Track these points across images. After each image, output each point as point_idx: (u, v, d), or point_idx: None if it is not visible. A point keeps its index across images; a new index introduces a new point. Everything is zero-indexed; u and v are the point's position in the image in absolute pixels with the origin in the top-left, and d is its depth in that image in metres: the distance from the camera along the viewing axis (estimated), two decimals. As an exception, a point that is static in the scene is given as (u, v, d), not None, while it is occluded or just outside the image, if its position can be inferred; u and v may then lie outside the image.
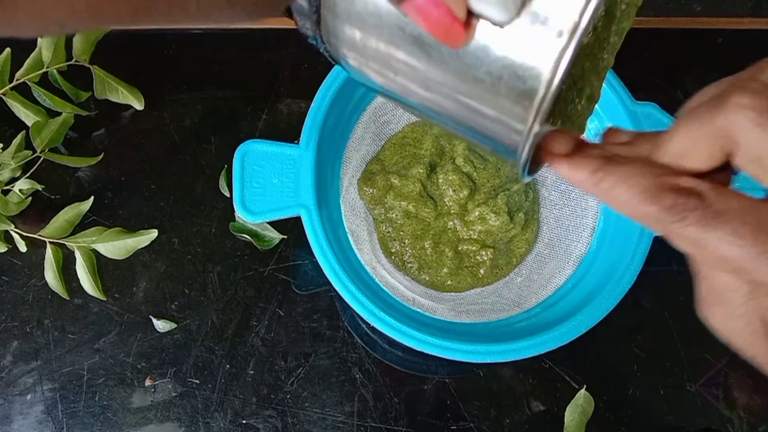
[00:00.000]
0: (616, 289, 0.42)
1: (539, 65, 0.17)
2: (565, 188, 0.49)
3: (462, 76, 0.19)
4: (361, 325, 0.48)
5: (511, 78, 0.18)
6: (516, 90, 0.18)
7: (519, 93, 0.18)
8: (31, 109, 0.50)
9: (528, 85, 0.18)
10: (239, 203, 0.43)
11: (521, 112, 0.18)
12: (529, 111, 0.18)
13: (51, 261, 0.48)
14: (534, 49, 0.17)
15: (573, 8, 0.16)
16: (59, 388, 0.47)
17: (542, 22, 0.17)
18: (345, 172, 0.49)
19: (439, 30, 0.17)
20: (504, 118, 0.19)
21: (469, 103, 0.19)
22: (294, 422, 0.47)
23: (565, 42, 0.17)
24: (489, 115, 0.19)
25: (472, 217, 0.47)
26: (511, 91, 0.18)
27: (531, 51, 0.17)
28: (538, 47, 0.17)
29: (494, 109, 0.19)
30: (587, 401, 0.47)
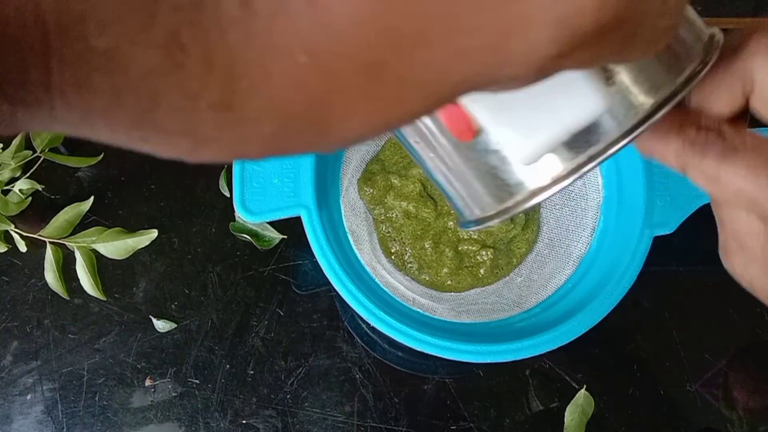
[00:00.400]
0: (616, 289, 0.42)
1: (518, 187, 0.20)
2: (564, 188, 0.49)
3: (454, 153, 0.21)
4: (361, 325, 0.48)
5: (491, 179, 0.20)
6: (489, 188, 0.21)
7: (491, 192, 0.21)
8: (31, 109, 0.50)
9: (500, 193, 0.21)
10: (239, 203, 0.43)
11: (484, 205, 0.21)
12: (490, 209, 0.21)
13: (51, 261, 0.48)
14: (520, 172, 0.20)
15: (567, 163, 0.19)
16: (59, 388, 0.47)
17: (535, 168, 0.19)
18: (345, 172, 0.49)
19: (452, 125, 0.19)
20: (469, 197, 0.22)
21: (455, 176, 0.22)
22: (294, 422, 0.47)
23: (547, 182, 0.20)
24: (458, 185, 0.22)
25: None
26: (486, 187, 0.21)
27: (517, 171, 0.20)
28: (524, 173, 0.20)
29: (466, 185, 0.22)
30: (587, 401, 0.47)
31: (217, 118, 0.11)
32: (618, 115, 0.18)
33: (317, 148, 0.13)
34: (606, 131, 0.19)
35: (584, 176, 0.22)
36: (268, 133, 0.12)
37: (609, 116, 0.18)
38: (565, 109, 0.17)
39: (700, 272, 0.50)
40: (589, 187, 0.48)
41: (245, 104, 0.11)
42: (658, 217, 0.43)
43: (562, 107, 0.17)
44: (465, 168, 0.21)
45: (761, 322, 0.49)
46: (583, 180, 0.49)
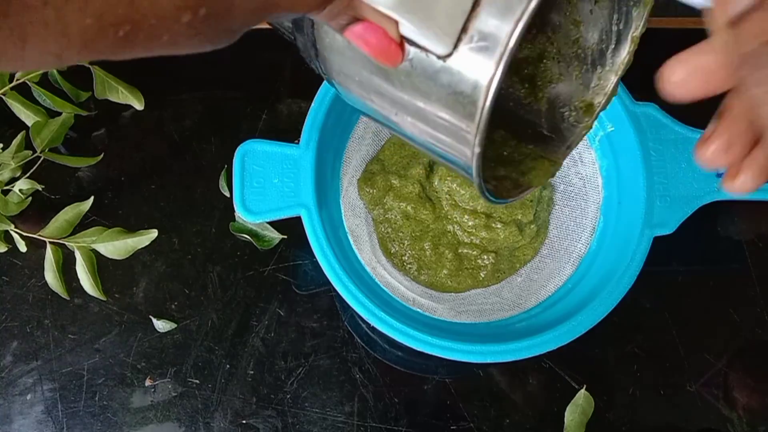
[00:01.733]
0: (616, 289, 0.42)
1: (475, 91, 0.19)
2: (564, 188, 0.49)
3: (416, 101, 0.21)
4: (361, 325, 0.48)
5: (455, 103, 0.20)
6: (459, 113, 0.20)
7: (462, 115, 0.20)
8: (31, 109, 0.50)
9: (467, 110, 0.20)
10: (239, 203, 0.43)
11: (466, 134, 0.21)
12: (471, 131, 0.20)
13: (51, 261, 0.48)
14: (468, 77, 0.19)
15: (501, 37, 0.18)
16: (59, 388, 0.47)
17: (477, 49, 0.19)
18: (345, 172, 0.49)
19: (376, 52, 0.20)
20: (456, 140, 0.21)
21: (427, 124, 0.22)
22: (294, 422, 0.47)
23: (493, 69, 0.19)
24: (443, 136, 0.22)
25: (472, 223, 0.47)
26: (456, 114, 0.20)
27: (468, 78, 0.19)
28: (474, 74, 0.19)
29: (446, 130, 0.21)
30: (587, 401, 0.47)
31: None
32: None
33: None
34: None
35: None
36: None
37: None
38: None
39: (700, 272, 0.50)
40: (589, 187, 0.49)
41: None
42: (658, 217, 0.43)
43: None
44: (431, 107, 0.21)
45: (761, 322, 0.49)
46: (583, 180, 0.49)
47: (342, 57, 0.23)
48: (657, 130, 0.45)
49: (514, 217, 0.47)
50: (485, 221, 0.46)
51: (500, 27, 0.18)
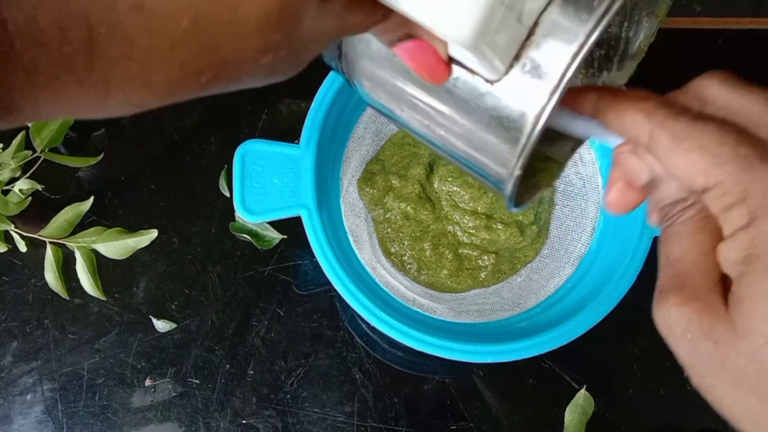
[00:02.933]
0: (616, 289, 0.42)
1: (522, 118, 0.19)
2: (564, 188, 0.49)
3: (454, 118, 0.21)
4: (361, 325, 0.48)
5: (498, 126, 0.20)
6: (502, 137, 0.20)
7: (506, 139, 0.20)
8: (31, 109, 0.50)
9: (512, 135, 0.20)
10: (239, 203, 0.43)
11: (507, 157, 0.20)
12: (513, 155, 0.20)
13: (51, 261, 0.48)
14: (518, 103, 0.19)
15: (556, 69, 0.19)
16: (59, 388, 0.47)
17: (529, 77, 0.19)
18: (345, 172, 0.49)
19: (423, 69, 0.20)
20: (492, 159, 0.21)
21: (461, 140, 0.22)
22: (294, 422, 0.47)
23: (545, 99, 0.19)
24: (478, 154, 0.22)
25: (472, 224, 0.47)
26: (498, 137, 0.20)
27: (515, 105, 0.19)
28: (523, 102, 0.19)
29: (483, 149, 0.21)
30: (587, 401, 0.47)
31: (139, 22, 0.14)
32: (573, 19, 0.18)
33: (247, 43, 0.15)
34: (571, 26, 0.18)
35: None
36: (186, 25, 0.14)
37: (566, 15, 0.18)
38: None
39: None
40: (589, 187, 0.48)
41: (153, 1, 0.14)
42: (658, 217, 0.43)
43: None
44: (469, 124, 0.21)
45: (761, 322, 0.49)
46: (583, 180, 0.49)
47: (375, 64, 0.23)
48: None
49: (515, 218, 0.47)
50: (486, 222, 0.46)
51: (556, 58, 0.19)
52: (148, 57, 0.14)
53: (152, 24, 0.14)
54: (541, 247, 0.48)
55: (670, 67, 0.55)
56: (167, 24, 0.14)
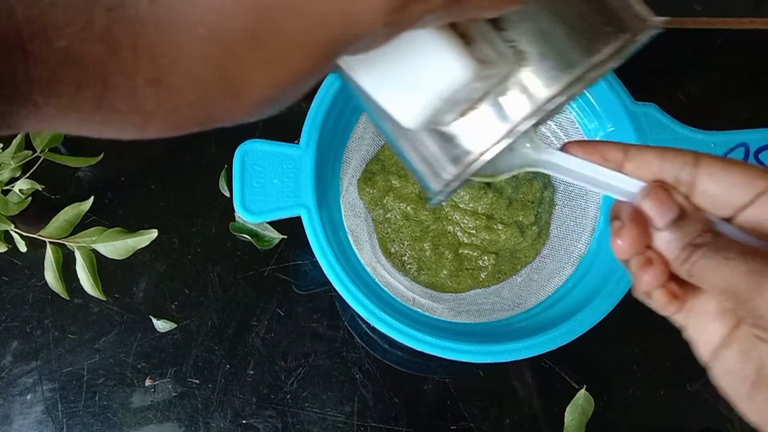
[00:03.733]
0: (616, 289, 0.42)
1: (466, 154, 0.22)
2: (564, 188, 0.49)
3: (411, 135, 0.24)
4: (361, 325, 0.48)
5: (444, 151, 0.23)
6: (448, 159, 0.23)
7: (450, 158, 0.23)
8: (31, 109, 0.50)
9: (453, 163, 0.23)
10: (239, 203, 0.43)
11: (447, 172, 0.23)
12: (453, 175, 0.23)
13: (51, 261, 0.48)
14: (468, 140, 0.22)
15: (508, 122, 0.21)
16: (59, 388, 0.47)
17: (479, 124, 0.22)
18: (345, 172, 0.49)
19: None
20: (431, 170, 0.24)
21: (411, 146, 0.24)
22: (294, 422, 0.47)
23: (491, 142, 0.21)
24: (421, 164, 0.24)
25: (473, 224, 0.47)
26: (444, 157, 0.23)
27: (465, 141, 0.22)
28: (471, 140, 0.22)
29: (427, 160, 0.24)
30: (587, 401, 0.47)
31: (152, 92, 0.15)
32: (534, 82, 0.20)
33: (240, 113, 0.17)
34: (527, 95, 0.21)
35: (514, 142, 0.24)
36: (193, 100, 0.15)
37: (529, 82, 0.20)
38: (429, 75, 0.19)
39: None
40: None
41: (169, 77, 0.15)
42: (658, 217, 0.43)
43: (426, 74, 0.19)
44: (419, 138, 0.23)
45: (761, 322, 0.49)
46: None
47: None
48: (657, 130, 0.45)
49: (515, 218, 0.47)
50: (486, 222, 0.46)
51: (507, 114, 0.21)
52: (150, 116, 0.15)
53: (163, 94, 0.15)
54: (541, 248, 0.48)
55: (670, 67, 0.55)
56: (176, 96, 0.15)
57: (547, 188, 0.48)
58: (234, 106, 0.17)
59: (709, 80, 0.54)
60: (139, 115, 0.15)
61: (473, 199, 0.47)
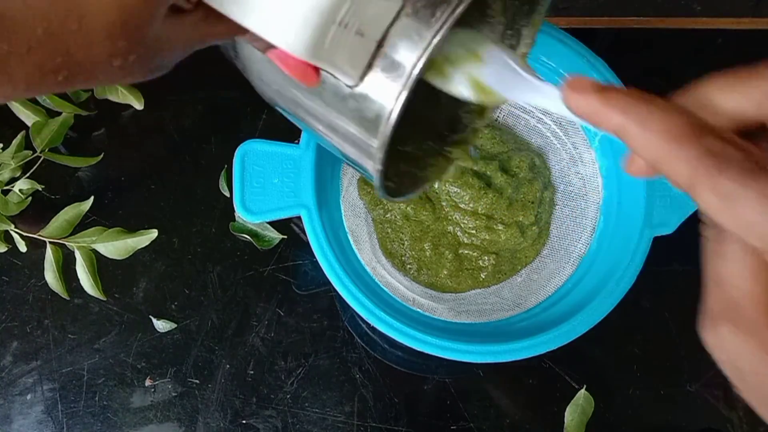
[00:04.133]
0: (616, 289, 0.42)
1: (378, 116, 0.22)
2: (564, 188, 0.49)
3: (327, 116, 0.24)
4: (361, 325, 0.48)
5: (362, 124, 0.23)
6: (364, 134, 0.23)
7: (367, 136, 0.23)
8: (31, 109, 0.50)
9: (372, 132, 0.23)
10: (239, 203, 0.43)
11: (371, 150, 0.23)
12: (374, 150, 0.23)
13: (51, 261, 0.48)
14: (372, 106, 0.22)
15: (404, 70, 0.21)
16: (59, 388, 0.47)
17: (382, 79, 0.22)
18: (345, 172, 0.49)
19: (294, 72, 0.22)
20: (361, 152, 0.24)
21: (337, 135, 0.25)
22: (294, 422, 0.47)
23: (395, 94, 0.21)
24: (351, 147, 0.24)
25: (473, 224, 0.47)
26: (362, 133, 0.23)
27: (373, 104, 0.22)
28: (378, 100, 0.22)
29: (353, 143, 0.24)
30: (587, 401, 0.47)
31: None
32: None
33: (98, 49, 0.17)
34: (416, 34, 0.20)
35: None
36: (41, 33, 0.16)
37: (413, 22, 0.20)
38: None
39: (701, 272, 0.50)
40: (589, 187, 0.48)
41: (8, 12, 0.16)
42: (658, 217, 0.43)
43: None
44: (341, 124, 0.23)
45: (761, 322, 0.49)
46: (583, 180, 0.49)
47: (261, 66, 0.25)
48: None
49: (515, 218, 0.47)
50: (486, 223, 0.46)
51: (402, 62, 0.21)
52: (7, 57, 0.16)
53: (10, 29, 0.16)
54: (541, 248, 0.48)
55: (670, 67, 0.55)
56: (24, 30, 0.16)
57: (548, 188, 0.48)
58: (84, 37, 0.17)
59: (709, 80, 0.54)
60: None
61: (473, 199, 0.47)
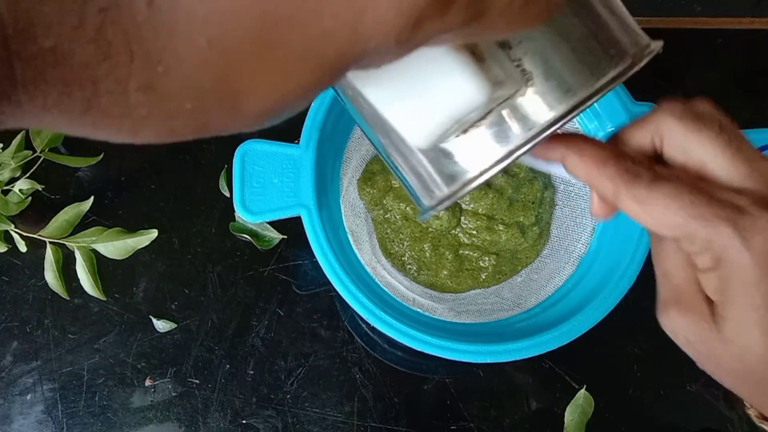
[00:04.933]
0: (616, 289, 0.42)
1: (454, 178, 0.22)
2: (564, 188, 0.49)
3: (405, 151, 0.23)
4: (361, 325, 0.48)
5: (441, 161, 0.22)
6: (444, 173, 0.22)
7: (447, 176, 0.22)
8: (31, 109, 0.50)
9: (453, 174, 0.22)
10: (239, 203, 0.43)
11: (440, 190, 0.23)
12: (448, 193, 0.23)
13: (51, 261, 0.48)
14: (455, 165, 0.22)
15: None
16: (59, 388, 0.47)
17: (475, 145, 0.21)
18: (345, 172, 0.49)
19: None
20: (424, 187, 0.23)
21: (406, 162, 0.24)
22: (294, 422, 0.47)
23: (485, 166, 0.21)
24: (413, 177, 0.24)
25: (473, 225, 0.47)
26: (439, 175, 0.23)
27: (453, 166, 0.22)
28: (459, 168, 0.22)
29: (419, 174, 0.24)
30: (587, 401, 0.47)
31: (146, 98, 0.14)
32: (537, 104, 0.20)
33: (238, 123, 0.16)
34: (529, 118, 0.20)
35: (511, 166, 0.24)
36: (189, 108, 0.15)
37: (531, 103, 0.20)
38: (443, 96, 0.19)
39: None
40: (589, 187, 0.48)
41: (165, 84, 0.14)
42: (658, 217, 0.43)
43: (440, 94, 0.19)
44: (414, 154, 0.23)
45: (761, 322, 0.49)
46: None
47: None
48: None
49: (516, 219, 0.47)
50: (487, 223, 0.46)
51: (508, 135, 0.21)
52: (143, 122, 0.15)
53: (156, 101, 0.14)
54: (541, 248, 0.48)
55: (670, 67, 0.55)
56: (171, 104, 0.14)
57: (548, 188, 0.48)
58: (231, 117, 0.16)
59: (709, 80, 0.54)
60: (131, 121, 0.15)
61: (474, 199, 0.47)
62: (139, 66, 0.14)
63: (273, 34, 0.14)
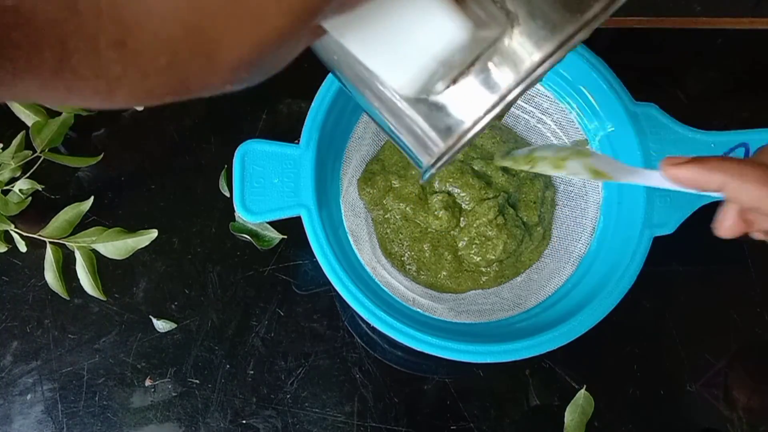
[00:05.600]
0: (616, 289, 0.42)
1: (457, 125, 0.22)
2: (564, 188, 0.49)
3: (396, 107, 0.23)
4: (361, 325, 0.48)
5: (434, 123, 0.22)
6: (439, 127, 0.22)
7: (443, 128, 0.22)
8: (31, 109, 0.50)
9: (445, 134, 0.22)
10: (239, 203, 0.43)
11: (438, 144, 0.22)
12: (446, 145, 0.22)
13: (51, 261, 0.48)
14: (449, 118, 0.22)
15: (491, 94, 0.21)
16: (59, 388, 0.47)
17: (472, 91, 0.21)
18: (345, 172, 0.49)
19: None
20: (422, 142, 0.23)
21: (400, 123, 0.24)
22: (294, 422, 0.47)
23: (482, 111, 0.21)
24: (411, 137, 0.23)
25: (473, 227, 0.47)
26: (435, 130, 0.22)
27: (447, 119, 0.22)
28: (461, 110, 0.21)
29: (417, 135, 0.23)
30: (587, 401, 0.47)
31: (117, 55, 0.13)
32: (524, 45, 0.20)
33: (216, 78, 0.16)
34: (517, 60, 0.20)
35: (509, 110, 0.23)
36: (163, 64, 0.14)
37: (518, 44, 0.20)
38: (424, 37, 0.18)
39: (700, 272, 0.50)
40: (589, 187, 0.48)
41: (136, 39, 0.13)
42: (658, 217, 0.43)
43: (421, 36, 0.18)
44: (406, 112, 0.22)
45: (761, 322, 0.49)
46: (583, 180, 0.49)
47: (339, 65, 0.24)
48: (657, 130, 0.45)
49: (516, 223, 0.47)
50: (487, 227, 0.46)
51: (496, 81, 0.20)
52: (118, 82, 0.14)
53: (129, 58, 0.14)
54: (543, 249, 0.48)
55: (670, 67, 0.55)
56: (144, 60, 0.14)
57: (548, 188, 0.48)
58: (208, 70, 0.15)
59: (709, 80, 0.54)
60: (105, 81, 0.14)
61: (473, 199, 0.47)
62: (108, 20, 0.13)
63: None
